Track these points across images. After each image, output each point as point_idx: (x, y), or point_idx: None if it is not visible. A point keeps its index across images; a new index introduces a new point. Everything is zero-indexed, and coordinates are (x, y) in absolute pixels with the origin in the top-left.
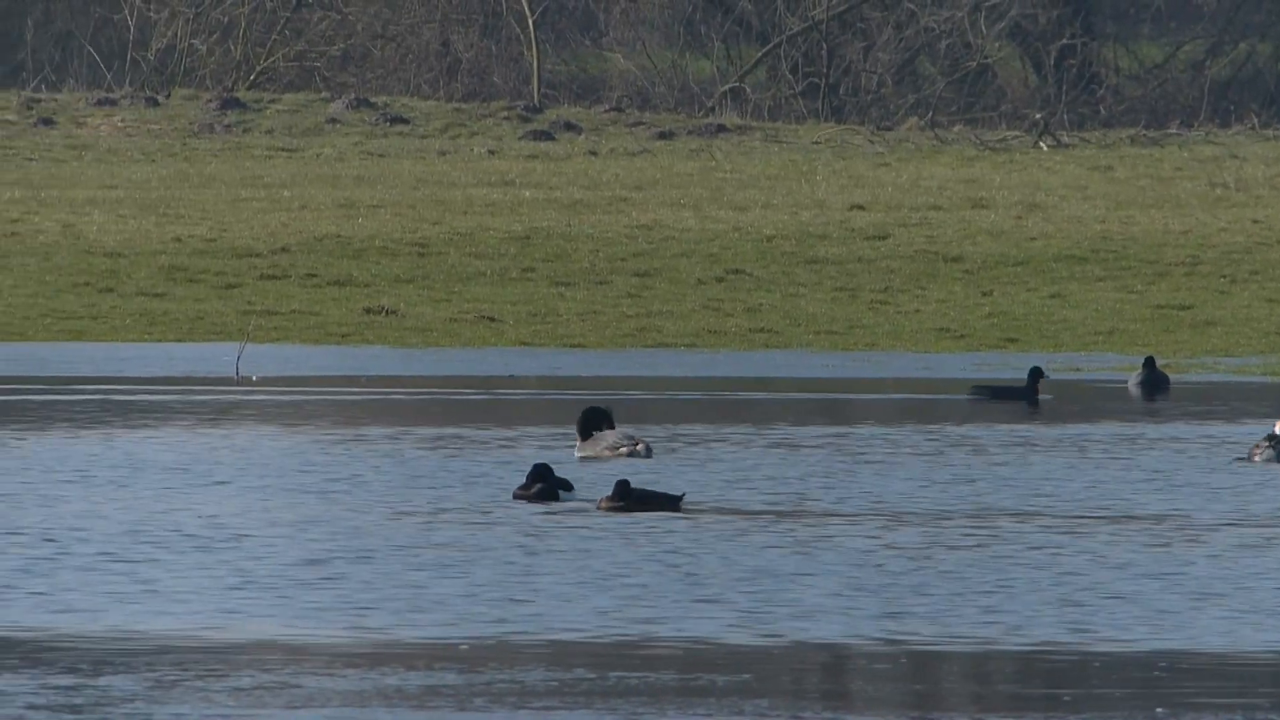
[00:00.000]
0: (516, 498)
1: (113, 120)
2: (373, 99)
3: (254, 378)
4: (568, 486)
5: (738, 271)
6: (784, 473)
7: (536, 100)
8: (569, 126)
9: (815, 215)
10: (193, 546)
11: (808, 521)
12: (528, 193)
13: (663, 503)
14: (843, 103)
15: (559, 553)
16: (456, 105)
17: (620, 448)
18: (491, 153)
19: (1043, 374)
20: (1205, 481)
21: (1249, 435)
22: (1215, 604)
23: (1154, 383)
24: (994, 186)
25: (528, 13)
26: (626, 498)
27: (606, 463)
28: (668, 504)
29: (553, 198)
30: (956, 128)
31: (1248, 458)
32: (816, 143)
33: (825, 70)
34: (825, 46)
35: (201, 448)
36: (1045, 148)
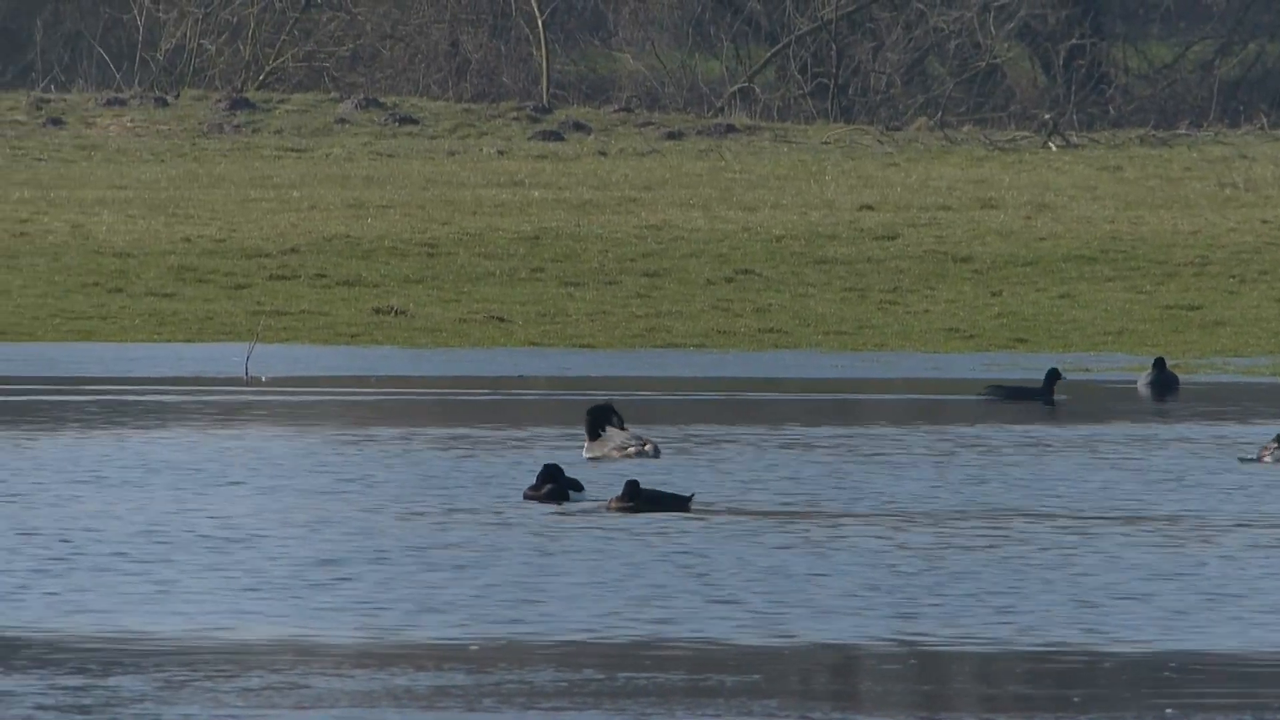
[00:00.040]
0: (527, 498)
1: (122, 120)
2: (382, 99)
3: (263, 378)
4: (578, 487)
5: (747, 272)
6: (796, 473)
7: (546, 100)
8: (578, 127)
9: (824, 215)
10: (206, 547)
11: (820, 522)
12: (537, 193)
13: (672, 503)
14: (852, 103)
15: (569, 553)
16: (466, 105)
17: (628, 448)
18: (501, 153)
19: (1060, 376)
20: (1217, 482)
21: (1260, 435)
22: (1228, 605)
23: (1164, 383)
24: (1003, 187)
25: (537, 13)
26: (636, 498)
27: (616, 463)
28: (677, 505)
29: (562, 198)
30: (966, 128)
31: (1256, 458)
32: (825, 143)
33: (834, 70)
34: (834, 47)
35: (213, 448)
36: (1054, 148)
